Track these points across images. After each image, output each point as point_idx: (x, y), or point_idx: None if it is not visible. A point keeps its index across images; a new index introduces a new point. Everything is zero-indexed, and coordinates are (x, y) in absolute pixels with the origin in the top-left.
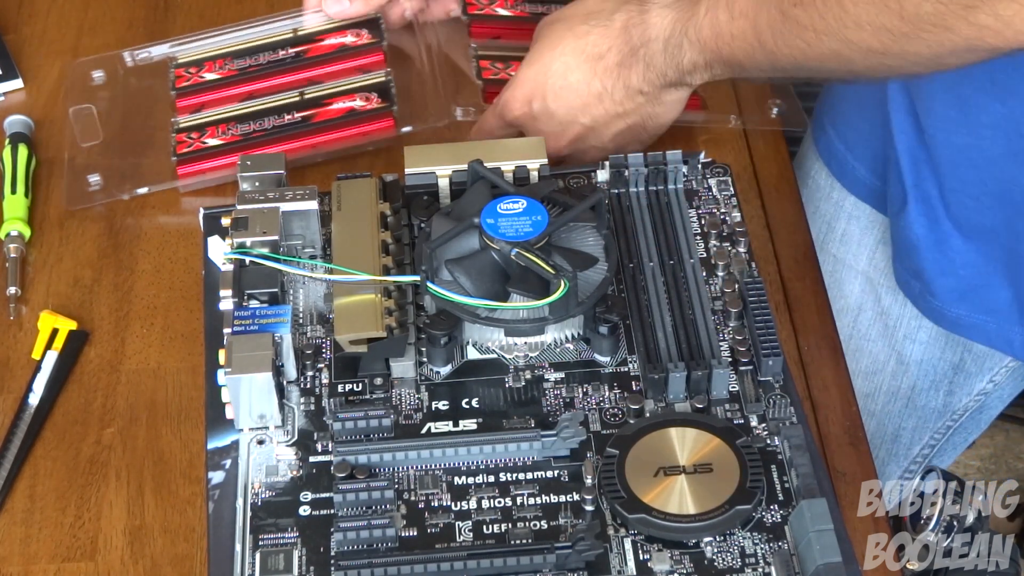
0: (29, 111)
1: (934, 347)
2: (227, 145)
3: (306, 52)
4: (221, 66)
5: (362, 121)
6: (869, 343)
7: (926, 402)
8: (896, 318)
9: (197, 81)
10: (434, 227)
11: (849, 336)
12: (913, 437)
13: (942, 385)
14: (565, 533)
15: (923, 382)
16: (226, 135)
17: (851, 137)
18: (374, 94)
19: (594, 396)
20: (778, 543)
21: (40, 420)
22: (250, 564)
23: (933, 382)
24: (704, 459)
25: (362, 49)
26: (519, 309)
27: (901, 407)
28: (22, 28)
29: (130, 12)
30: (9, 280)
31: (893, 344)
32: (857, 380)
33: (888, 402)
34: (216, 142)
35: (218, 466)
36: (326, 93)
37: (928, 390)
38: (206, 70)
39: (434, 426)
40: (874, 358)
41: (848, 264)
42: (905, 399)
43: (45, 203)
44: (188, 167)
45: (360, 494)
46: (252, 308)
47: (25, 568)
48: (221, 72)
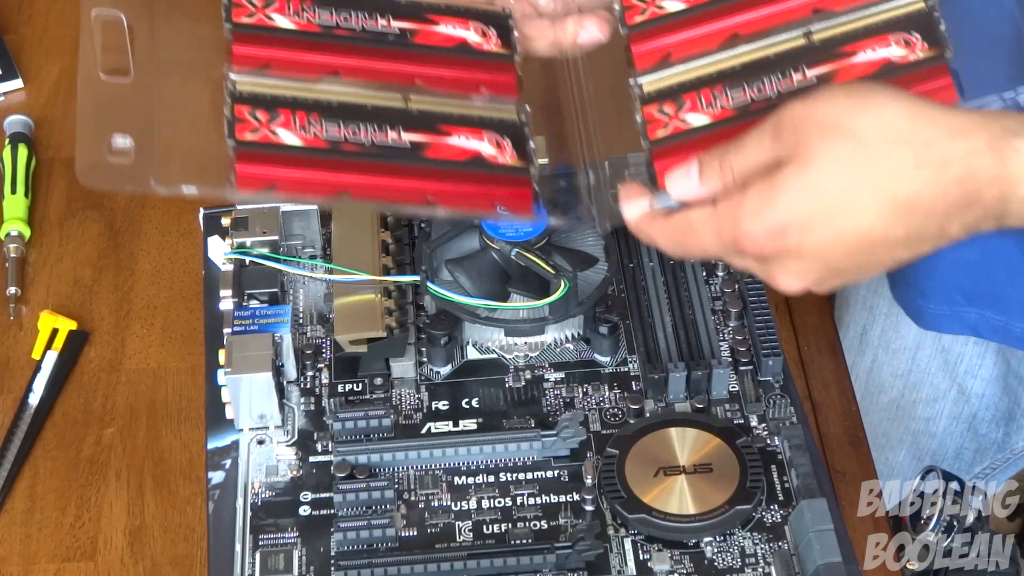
0: (29, 111)
1: (995, 386)
2: (308, 151)
3: (414, 34)
4: (297, 9)
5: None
6: (929, 376)
7: (987, 432)
8: (957, 355)
9: (263, 22)
10: (434, 227)
11: (908, 371)
12: (975, 458)
13: (1002, 423)
14: (565, 533)
15: (984, 414)
16: (306, 133)
17: None
18: (507, 140)
19: (594, 396)
20: (778, 543)
21: (40, 420)
22: (250, 564)
23: (994, 416)
24: (704, 459)
25: (489, 59)
26: (519, 309)
27: (963, 430)
28: (22, 28)
29: None
30: (9, 280)
31: (955, 377)
32: (918, 407)
33: (950, 425)
34: (293, 140)
35: (218, 466)
36: (442, 113)
37: (989, 422)
38: (276, 8)
39: (434, 426)
40: (935, 388)
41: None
42: (967, 423)
43: (45, 203)
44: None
45: (360, 494)
46: (252, 308)
47: (25, 568)
48: (297, 21)
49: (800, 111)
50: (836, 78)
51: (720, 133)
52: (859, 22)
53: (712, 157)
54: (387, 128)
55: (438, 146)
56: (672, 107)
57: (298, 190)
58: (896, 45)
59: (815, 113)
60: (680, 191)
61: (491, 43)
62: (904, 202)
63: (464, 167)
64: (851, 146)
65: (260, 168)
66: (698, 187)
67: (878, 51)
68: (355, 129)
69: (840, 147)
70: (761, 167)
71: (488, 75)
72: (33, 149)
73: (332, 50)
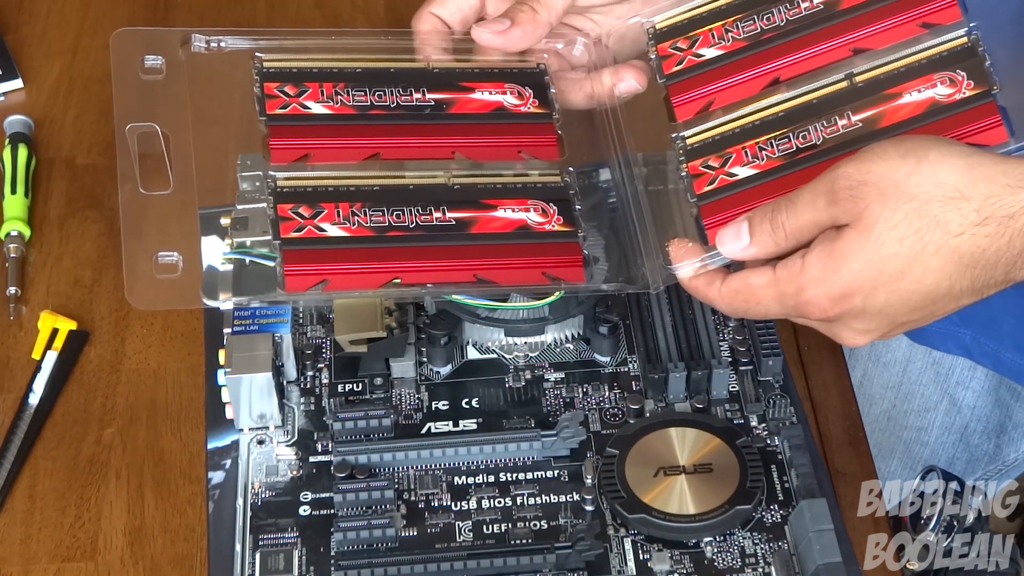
0: (29, 111)
1: (986, 399)
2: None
3: (450, 104)
4: (331, 94)
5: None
6: (921, 387)
7: (979, 443)
8: (948, 367)
9: (297, 111)
10: None
11: (899, 382)
12: (967, 469)
13: (993, 435)
14: (565, 533)
15: (976, 425)
16: (351, 224)
17: None
18: (552, 207)
19: (594, 396)
20: (778, 543)
21: (40, 420)
22: (250, 564)
23: (985, 428)
24: (704, 459)
25: (528, 120)
26: (519, 309)
27: (955, 441)
28: (22, 28)
29: (130, 12)
30: (9, 280)
31: (946, 388)
32: (909, 417)
33: (941, 435)
34: (338, 233)
35: (218, 466)
36: (485, 186)
37: (981, 433)
38: (309, 96)
39: (434, 426)
40: (926, 399)
41: None
42: (959, 434)
43: (45, 203)
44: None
45: (360, 494)
46: (252, 308)
47: (25, 568)
48: (332, 106)
49: (855, 174)
50: (882, 122)
51: (767, 185)
52: (901, 61)
53: (763, 217)
54: (431, 208)
55: (484, 220)
56: (717, 160)
57: (348, 285)
58: (941, 84)
59: (871, 176)
60: (731, 251)
61: (528, 104)
62: (968, 257)
63: (512, 239)
64: (911, 207)
65: (308, 267)
66: (749, 247)
67: (924, 91)
68: (399, 214)
69: (900, 209)
70: (815, 229)
71: (529, 137)
72: (33, 149)
73: (370, 133)
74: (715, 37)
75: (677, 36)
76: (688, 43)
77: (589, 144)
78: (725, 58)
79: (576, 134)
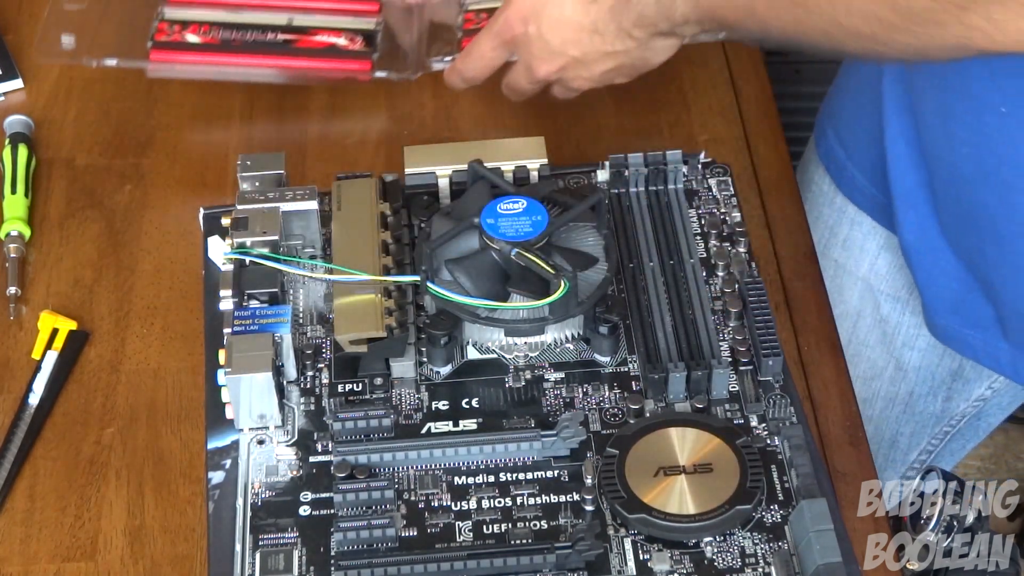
0: (29, 111)
1: (932, 354)
2: (204, 45)
3: (294, 42)
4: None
5: (340, 57)
6: (867, 349)
7: (924, 407)
8: (895, 325)
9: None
10: (434, 227)
11: (848, 342)
12: (911, 442)
13: (940, 391)
14: (565, 533)
15: (921, 388)
16: (206, 35)
17: (851, 144)
18: (360, 37)
19: (594, 396)
20: (778, 543)
21: (40, 420)
22: (250, 564)
23: (931, 388)
24: (704, 459)
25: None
26: (519, 309)
27: (899, 412)
28: (22, 28)
29: None
30: (9, 280)
31: (891, 351)
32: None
33: (886, 407)
34: (195, 39)
35: (218, 466)
36: (314, 24)
37: (926, 396)
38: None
39: (434, 426)
40: (872, 363)
41: (849, 270)
42: (903, 404)
43: (45, 203)
44: (161, 54)
45: (360, 494)
46: (252, 308)
47: (25, 568)
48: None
49: None
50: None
51: None
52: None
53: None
54: (267, 32)
55: (304, 41)
56: None
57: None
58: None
59: None
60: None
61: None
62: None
63: (320, 52)
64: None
65: (165, 54)
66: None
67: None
68: (243, 34)
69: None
70: None
71: (359, 5)
72: (33, 149)
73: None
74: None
75: None
76: None
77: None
78: None
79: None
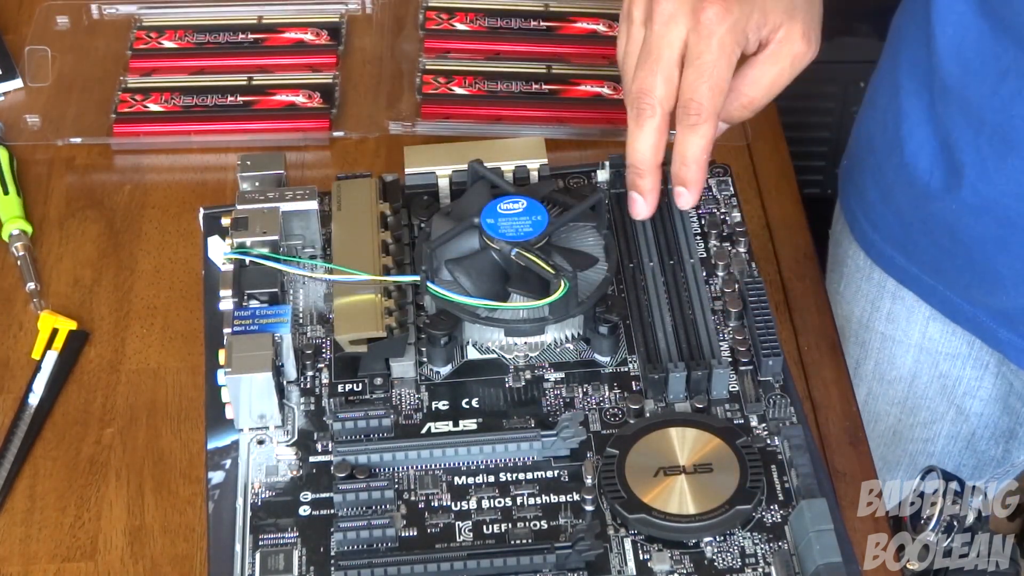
0: (30, 111)
1: (995, 405)
2: (167, 114)
3: (264, 40)
4: (181, 37)
5: (299, 117)
6: (927, 400)
7: (986, 449)
8: (955, 379)
9: (155, 46)
10: (434, 227)
11: (905, 398)
12: (973, 474)
13: (1002, 440)
14: (565, 533)
15: (983, 432)
16: (168, 103)
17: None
18: (317, 93)
19: (594, 396)
20: (778, 543)
21: (40, 420)
22: (250, 564)
23: (993, 434)
24: (704, 459)
25: (318, 49)
26: (519, 309)
27: (961, 448)
28: (22, 28)
29: None
30: (25, 277)
31: (952, 399)
32: (915, 430)
33: (947, 445)
34: (157, 108)
35: (218, 466)
36: (272, 83)
37: (988, 439)
38: (166, 37)
39: (434, 426)
40: (932, 411)
41: (898, 340)
42: (965, 442)
43: (45, 203)
44: (124, 127)
45: (360, 494)
46: (252, 308)
47: (25, 568)
48: (180, 43)
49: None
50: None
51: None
52: None
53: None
54: (228, 96)
55: (264, 102)
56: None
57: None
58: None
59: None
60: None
61: (322, 39)
62: None
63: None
64: None
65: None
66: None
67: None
68: (204, 99)
69: None
70: None
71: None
72: (11, 148)
73: (201, 56)
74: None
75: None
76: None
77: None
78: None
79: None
